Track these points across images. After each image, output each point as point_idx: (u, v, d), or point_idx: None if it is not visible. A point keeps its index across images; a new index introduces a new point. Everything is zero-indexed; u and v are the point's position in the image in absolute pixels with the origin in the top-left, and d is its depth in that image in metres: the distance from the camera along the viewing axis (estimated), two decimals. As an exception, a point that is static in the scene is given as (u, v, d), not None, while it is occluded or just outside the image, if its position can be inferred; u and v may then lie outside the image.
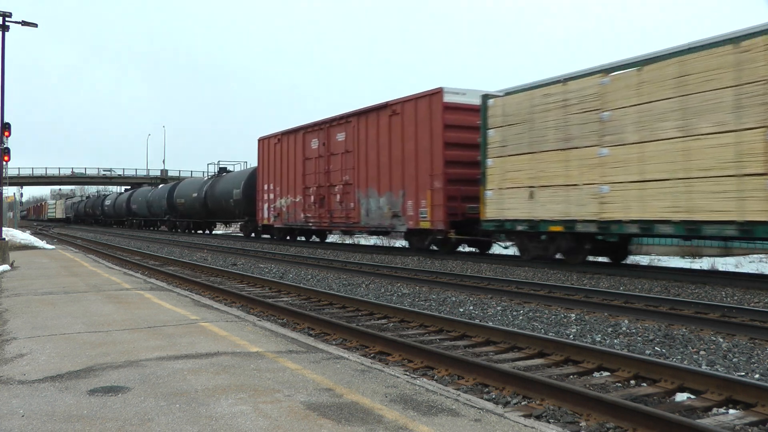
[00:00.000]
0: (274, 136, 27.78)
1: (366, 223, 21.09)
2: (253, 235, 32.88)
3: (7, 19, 17.53)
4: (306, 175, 24.81)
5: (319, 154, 23.83)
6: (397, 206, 19.33)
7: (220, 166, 39.84)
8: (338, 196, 22.61)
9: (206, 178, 39.76)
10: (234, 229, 46.68)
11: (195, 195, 38.73)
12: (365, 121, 21.18)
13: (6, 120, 17.70)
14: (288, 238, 28.71)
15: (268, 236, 31.15)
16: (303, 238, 28.77)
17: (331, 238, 31.44)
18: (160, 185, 51.28)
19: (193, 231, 43.58)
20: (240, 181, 32.52)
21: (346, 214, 22.11)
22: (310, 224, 24.84)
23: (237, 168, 39.27)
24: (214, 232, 44.58)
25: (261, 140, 29.18)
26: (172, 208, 43.37)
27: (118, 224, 62.61)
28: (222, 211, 35.96)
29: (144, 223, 54.21)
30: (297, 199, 25.58)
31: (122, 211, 57.84)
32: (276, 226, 28.09)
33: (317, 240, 28.75)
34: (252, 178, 31.19)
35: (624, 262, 15.72)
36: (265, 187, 28.52)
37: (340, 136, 22.61)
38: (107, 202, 64.29)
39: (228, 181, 35.02)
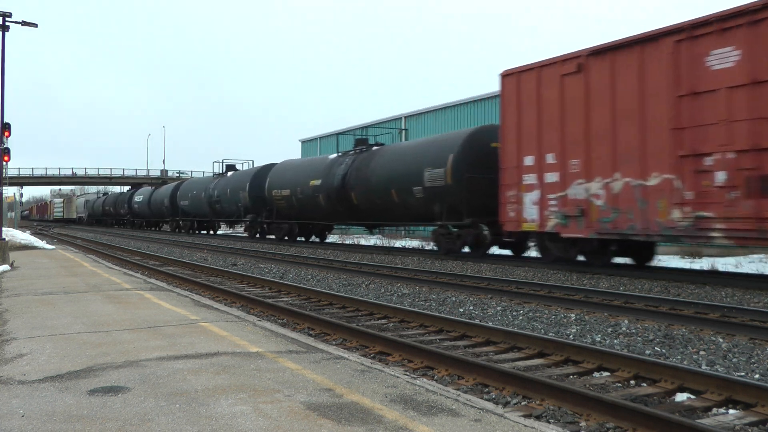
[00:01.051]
0: (561, 60, 14.39)
1: None
2: (466, 249, 18.06)
3: (7, 19, 17.57)
4: (688, 130, 11.90)
5: (750, 78, 10.92)
6: None
7: (360, 136, 25.94)
8: None
9: (333, 157, 24.80)
10: (393, 237, 31.14)
11: (315, 183, 24.54)
12: None
13: (6, 120, 17.74)
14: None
15: (505, 251, 18.55)
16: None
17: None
18: (228, 173, 36.93)
19: (292, 239, 28.43)
20: (445, 156, 17.95)
21: None
22: (714, 232, 11.48)
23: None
24: (328, 238, 30.41)
25: (512, 75, 15.72)
26: (260, 205, 30.27)
27: (152, 226, 51.03)
28: (383, 209, 21.19)
29: (197, 225, 41.22)
30: (650, 182, 12.63)
31: (162, 210, 44.27)
32: (564, 236, 14.38)
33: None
34: (472, 149, 17.51)
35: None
36: (526, 161, 15.28)
37: None
38: (137, 198, 51.13)
39: (403, 156, 20.30)
